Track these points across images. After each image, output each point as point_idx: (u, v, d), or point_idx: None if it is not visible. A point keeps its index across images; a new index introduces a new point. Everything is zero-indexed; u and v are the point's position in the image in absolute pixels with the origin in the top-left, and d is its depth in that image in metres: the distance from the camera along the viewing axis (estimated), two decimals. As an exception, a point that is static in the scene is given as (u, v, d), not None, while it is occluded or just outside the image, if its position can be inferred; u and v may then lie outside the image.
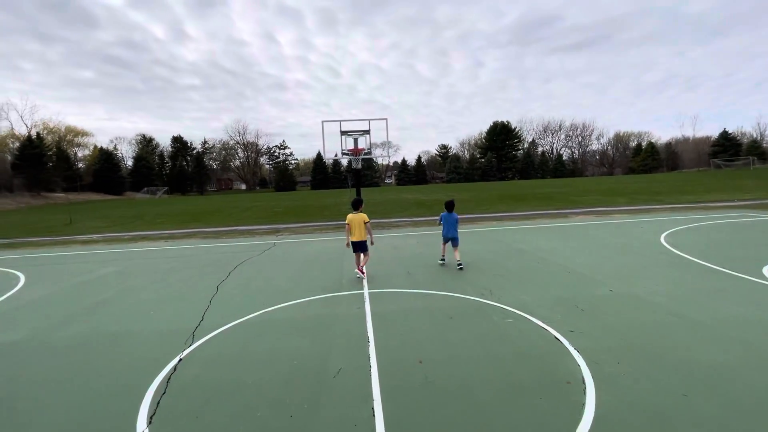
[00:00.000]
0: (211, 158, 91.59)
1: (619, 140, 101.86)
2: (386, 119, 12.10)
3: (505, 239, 10.21)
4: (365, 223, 6.63)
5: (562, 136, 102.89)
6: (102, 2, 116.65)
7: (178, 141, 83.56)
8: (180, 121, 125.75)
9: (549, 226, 12.04)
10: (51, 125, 66.29)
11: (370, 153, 11.82)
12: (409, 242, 10.37)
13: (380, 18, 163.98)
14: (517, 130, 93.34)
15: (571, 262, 7.44)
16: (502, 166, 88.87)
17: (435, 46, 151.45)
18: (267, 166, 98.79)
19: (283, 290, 6.22)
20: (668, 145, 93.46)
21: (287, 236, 12.41)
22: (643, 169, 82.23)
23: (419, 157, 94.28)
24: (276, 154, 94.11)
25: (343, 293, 5.97)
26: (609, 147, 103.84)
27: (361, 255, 6.76)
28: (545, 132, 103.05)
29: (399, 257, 8.53)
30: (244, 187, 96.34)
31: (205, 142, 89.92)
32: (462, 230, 12.01)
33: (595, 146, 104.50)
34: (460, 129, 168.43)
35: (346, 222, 6.68)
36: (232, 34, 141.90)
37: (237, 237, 12.82)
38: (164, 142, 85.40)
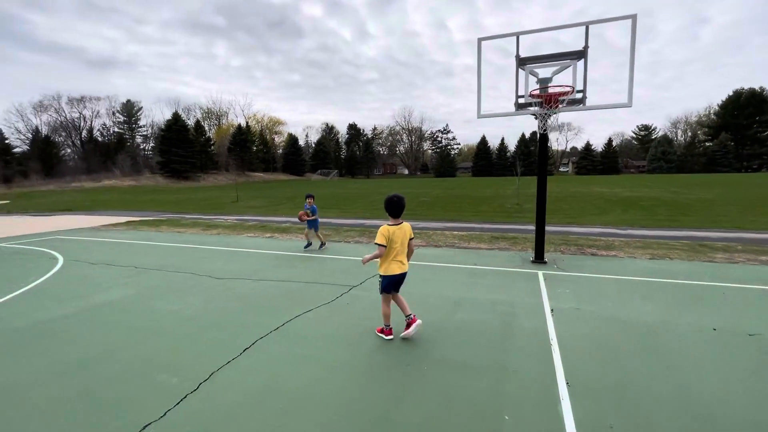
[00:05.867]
0: (379, 143, 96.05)
1: None
2: (635, 15, 5.26)
3: None
4: (410, 241, 3.62)
5: None
6: (307, 15, 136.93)
7: (352, 128, 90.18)
8: (359, 112, 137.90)
9: None
10: (258, 116, 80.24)
11: (582, 99, 5.76)
12: (684, 315, 3.93)
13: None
14: (776, 100, 65.11)
15: None
16: (745, 151, 63.59)
17: (633, 5, 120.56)
18: (429, 152, 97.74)
19: None
20: None
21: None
22: None
23: (610, 141, 76.52)
24: (438, 138, 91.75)
25: None
26: None
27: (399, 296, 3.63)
28: (832, 101, 68.85)
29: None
30: (406, 172, 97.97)
31: (374, 129, 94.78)
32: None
33: None
34: (664, 106, 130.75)
35: (378, 242, 3.44)
36: (406, 27, 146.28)
37: (327, 249, 9.35)
38: (343, 129, 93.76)
